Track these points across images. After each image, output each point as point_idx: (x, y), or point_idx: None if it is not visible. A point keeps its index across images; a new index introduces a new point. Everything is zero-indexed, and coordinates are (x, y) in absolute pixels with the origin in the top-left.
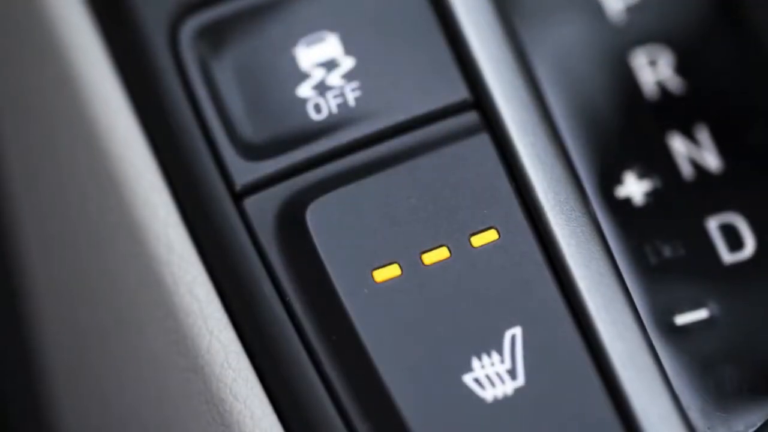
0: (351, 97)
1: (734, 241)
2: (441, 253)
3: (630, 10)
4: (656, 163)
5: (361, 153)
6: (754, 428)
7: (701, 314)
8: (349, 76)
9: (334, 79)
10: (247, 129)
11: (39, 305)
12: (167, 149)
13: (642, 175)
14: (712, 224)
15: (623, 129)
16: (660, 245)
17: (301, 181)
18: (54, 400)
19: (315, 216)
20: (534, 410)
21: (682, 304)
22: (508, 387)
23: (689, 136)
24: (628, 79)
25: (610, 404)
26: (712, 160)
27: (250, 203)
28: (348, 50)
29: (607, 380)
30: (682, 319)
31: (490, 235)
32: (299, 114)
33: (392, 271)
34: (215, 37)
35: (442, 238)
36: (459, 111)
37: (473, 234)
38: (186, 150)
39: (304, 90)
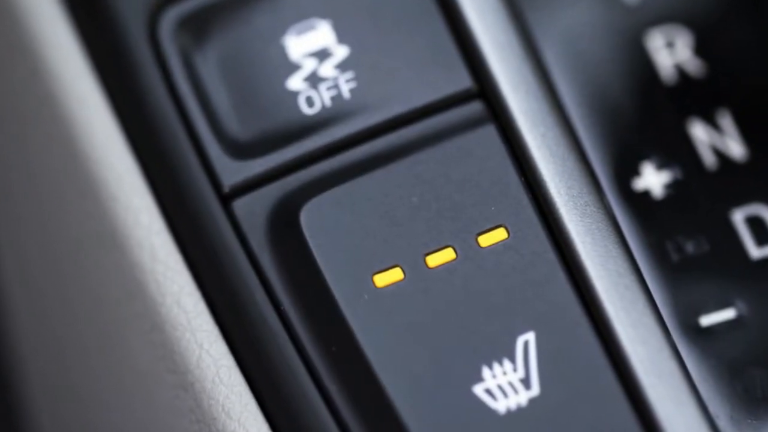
0: (345, 89)
1: (762, 234)
2: (446, 255)
3: None
4: (676, 152)
5: (357, 149)
6: None
7: (728, 314)
8: (343, 67)
9: (327, 69)
10: (235, 126)
11: (14, 319)
12: (149, 149)
13: (661, 166)
14: (738, 216)
15: (640, 117)
16: (682, 241)
17: (293, 181)
18: (33, 422)
19: (310, 217)
20: (550, 421)
21: (707, 303)
22: (521, 397)
23: (711, 122)
24: (643, 63)
25: (632, 413)
26: (735, 148)
27: (239, 205)
28: (341, 38)
29: (629, 387)
30: (707, 319)
31: (499, 234)
32: (290, 108)
33: (394, 275)
34: (198, 27)
35: (447, 238)
36: (462, 101)
37: (481, 233)
38: (169, 150)
39: (295, 82)
